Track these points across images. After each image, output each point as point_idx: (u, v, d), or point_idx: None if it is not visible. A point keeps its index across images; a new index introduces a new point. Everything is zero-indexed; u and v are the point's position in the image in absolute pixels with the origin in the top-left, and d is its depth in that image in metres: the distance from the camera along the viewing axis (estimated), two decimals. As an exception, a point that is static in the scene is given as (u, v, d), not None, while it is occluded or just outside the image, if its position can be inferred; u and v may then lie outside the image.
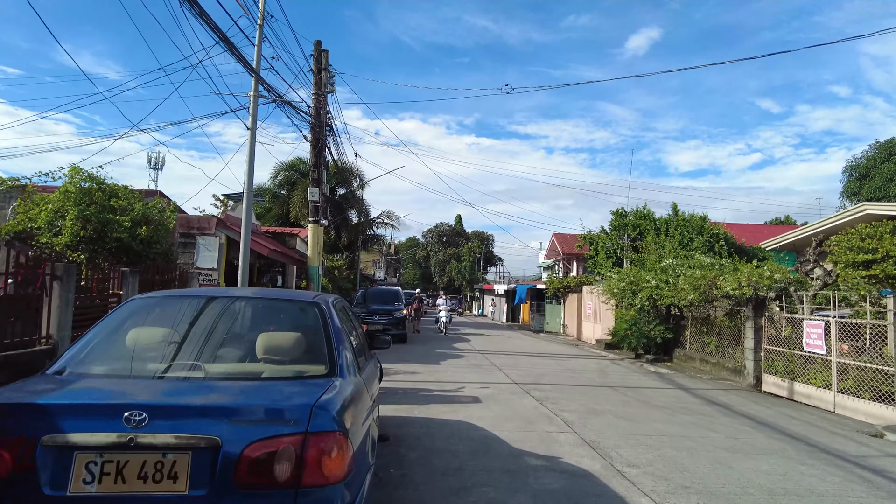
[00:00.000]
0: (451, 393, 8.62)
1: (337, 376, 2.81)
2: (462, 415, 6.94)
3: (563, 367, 13.07)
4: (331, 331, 3.13)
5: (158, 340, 3.05)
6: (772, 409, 8.64)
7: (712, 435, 6.48)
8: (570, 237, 32.48)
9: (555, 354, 16.05)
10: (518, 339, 21.59)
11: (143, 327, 3.16)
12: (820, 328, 9.70)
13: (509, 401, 8.11)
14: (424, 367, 11.46)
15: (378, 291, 20.48)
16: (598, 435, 6.21)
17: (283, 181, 26.93)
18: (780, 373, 10.64)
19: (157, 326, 3.19)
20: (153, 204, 10.27)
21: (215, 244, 11.92)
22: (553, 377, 11.04)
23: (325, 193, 14.40)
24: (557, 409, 7.65)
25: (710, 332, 13.73)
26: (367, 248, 33.94)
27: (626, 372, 12.66)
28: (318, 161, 14.12)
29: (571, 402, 8.30)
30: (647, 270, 15.99)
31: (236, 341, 3.16)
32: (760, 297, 11.40)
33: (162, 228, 10.13)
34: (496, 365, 12.46)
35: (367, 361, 4.43)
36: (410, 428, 6.21)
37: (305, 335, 3.15)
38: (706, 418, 7.51)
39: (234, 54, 8.52)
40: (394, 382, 9.24)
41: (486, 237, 66.63)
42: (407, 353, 14.43)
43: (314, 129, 14.01)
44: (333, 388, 2.58)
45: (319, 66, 14.58)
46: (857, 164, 27.38)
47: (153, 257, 9.87)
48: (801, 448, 6.06)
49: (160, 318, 3.28)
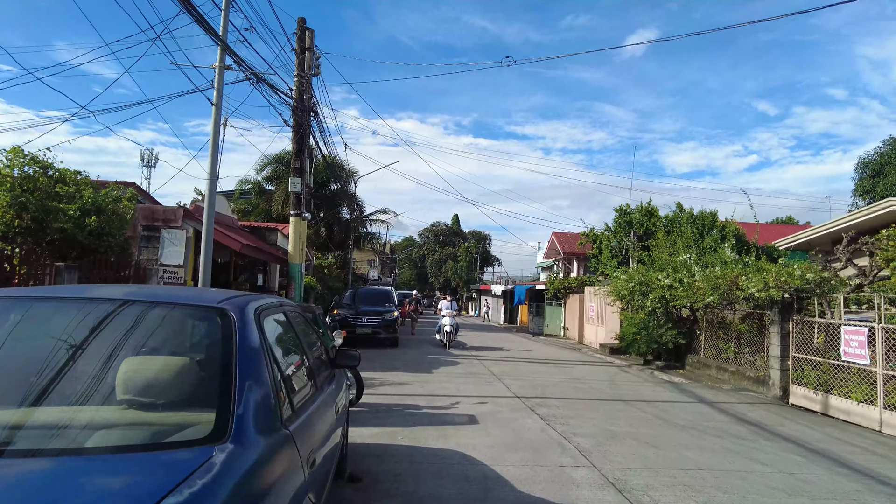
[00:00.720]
0: (443, 410, 7.42)
1: (228, 440, 1.62)
2: (455, 441, 5.74)
3: (568, 375, 11.89)
4: (236, 357, 1.94)
5: None
6: (814, 429, 7.47)
7: (760, 469, 5.30)
8: (571, 236, 31.33)
9: (557, 360, 14.87)
10: (517, 343, 20.40)
11: None
12: (862, 335, 8.56)
13: (511, 421, 6.92)
14: (414, 377, 10.25)
15: (368, 292, 19.25)
16: (623, 470, 5.02)
17: (271, 175, 25.64)
18: (812, 384, 9.49)
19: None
20: (106, 191, 9.05)
21: (182, 238, 10.69)
22: (558, 389, 9.86)
23: (308, 184, 13.19)
24: (569, 431, 6.46)
25: (728, 337, 12.57)
26: (360, 246, 32.70)
27: (637, 381, 11.48)
28: (300, 148, 12.91)
29: (583, 421, 7.11)
30: (657, 269, 14.82)
31: (83, 371, 1.96)
32: (788, 299, 10.26)
33: (116, 219, 8.89)
34: (495, 374, 11.27)
35: (325, 387, 3.23)
36: (390, 461, 5.01)
37: (194, 363, 1.97)
38: (743, 443, 6.34)
39: (192, 14, 7.29)
40: (377, 397, 8.04)
41: (484, 237, 65.49)
42: (397, 358, 13.22)
43: (296, 113, 12.80)
44: (201, 478, 1.38)
45: (303, 45, 13.37)
46: (870, 160, 26.30)
47: (104, 251, 8.65)
48: (877, 490, 4.88)
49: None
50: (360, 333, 15.60)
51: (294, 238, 12.98)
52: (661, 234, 17.52)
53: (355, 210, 28.15)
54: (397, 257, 67.09)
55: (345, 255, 28.91)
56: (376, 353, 13.90)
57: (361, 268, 43.49)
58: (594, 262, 22.05)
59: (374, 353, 13.83)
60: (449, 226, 67.49)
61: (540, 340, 22.64)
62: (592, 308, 20.83)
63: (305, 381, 2.83)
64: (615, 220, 22.18)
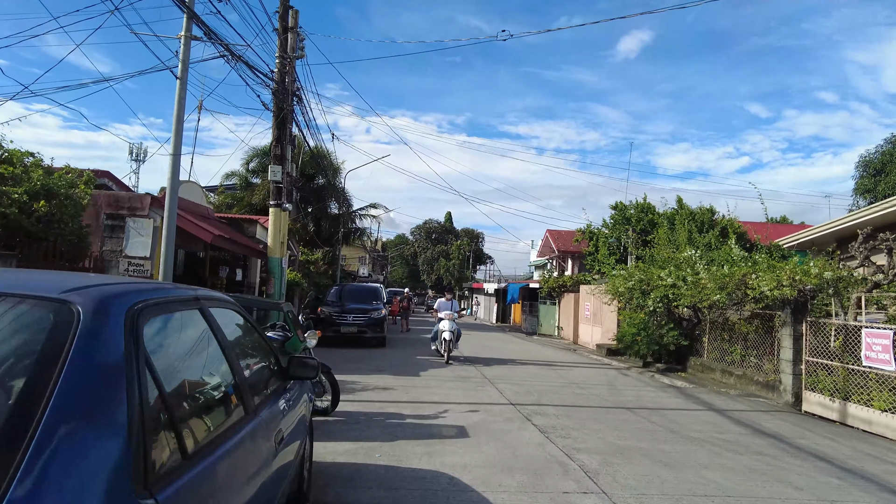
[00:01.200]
0: (430, 421, 6.62)
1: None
2: (441, 461, 4.95)
3: (566, 379, 11.14)
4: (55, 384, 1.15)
5: None
6: (840, 442, 6.76)
7: (795, 496, 4.56)
8: (566, 233, 30.62)
9: (553, 363, 14.12)
10: (510, 343, 19.64)
11: None
12: (887, 338, 7.86)
13: (506, 433, 6.14)
14: (400, 381, 9.46)
15: (355, 288, 18.42)
16: (639, 498, 4.26)
17: (257, 168, 24.70)
18: (828, 391, 8.80)
19: None
20: (60, 174, 8.18)
21: (149, 227, 9.83)
22: (556, 395, 9.10)
23: (289, 172, 12.34)
24: (570, 446, 5.69)
25: (734, 339, 11.88)
26: (349, 241, 31.80)
27: (639, 386, 10.76)
28: (280, 134, 12.05)
29: (586, 433, 6.35)
30: (658, 267, 14.11)
31: None
32: (801, 299, 9.57)
33: (70, 204, 8.02)
34: (487, 378, 10.49)
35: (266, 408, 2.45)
36: (364, 487, 4.21)
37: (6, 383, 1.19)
38: (767, 460, 5.60)
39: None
40: (357, 404, 7.23)
41: (476, 235, 64.65)
42: (383, 359, 12.41)
43: (277, 96, 11.94)
44: None
45: (286, 24, 12.51)
46: (871, 159, 25.76)
47: (54, 239, 7.79)
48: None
49: None
50: (345, 333, 14.78)
51: (274, 230, 12.13)
52: (662, 230, 16.79)
53: (343, 204, 27.28)
54: (389, 255, 66.17)
55: (333, 250, 28.03)
56: (361, 354, 13.09)
57: (352, 265, 42.58)
58: (590, 259, 21.34)
59: (359, 354, 13.01)
60: (442, 223, 66.67)
61: (534, 340, 21.91)
62: (588, 307, 20.13)
63: (223, 406, 2.04)
64: (612, 217, 21.50)
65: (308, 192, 25.52)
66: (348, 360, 11.83)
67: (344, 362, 11.25)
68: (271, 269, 12.10)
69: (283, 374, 3.12)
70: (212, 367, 2.14)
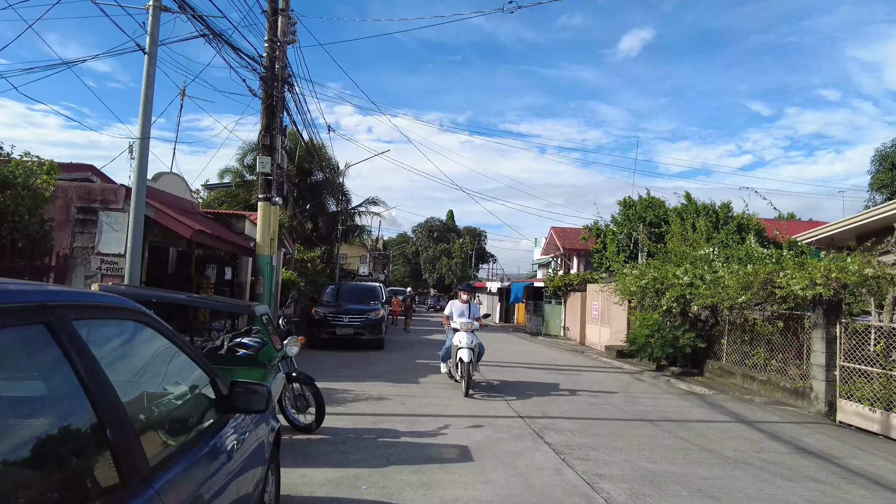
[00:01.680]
0: (428, 439, 5.80)
1: None
2: (440, 494, 4.13)
3: (577, 385, 10.31)
4: None
5: None
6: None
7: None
8: (571, 231, 29.77)
9: (562, 367, 13.28)
10: (515, 345, 18.79)
11: None
12: (939, 343, 7.05)
13: (515, 456, 5.32)
14: (396, 389, 8.63)
15: (352, 288, 17.60)
16: (684, 548, 3.44)
17: (252, 164, 23.89)
18: (867, 400, 7.98)
19: None
20: (17, 162, 7.38)
21: (124, 222, 9.00)
22: (569, 404, 8.26)
23: (279, 164, 11.53)
24: (592, 472, 4.87)
25: (756, 341, 11.04)
26: (347, 239, 30.99)
27: (656, 393, 9.93)
28: (270, 123, 11.23)
29: (607, 453, 5.52)
30: (673, 264, 13.26)
31: None
32: (835, 299, 8.74)
33: (29, 196, 7.21)
34: (492, 384, 9.66)
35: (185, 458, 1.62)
36: (343, 535, 3.40)
37: None
38: (826, 489, 4.78)
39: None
40: (347, 418, 6.42)
41: (479, 233, 63.74)
42: (379, 364, 11.59)
43: (266, 83, 11.12)
44: None
45: (275, 6, 11.68)
46: (888, 154, 24.83)
47: (8, 234, 6.98)
48: None
49: None
50: (340, 335, 13.96)
51: (262, 226, 11.31)
52: (676, 225, 15.91)
53: (342, 201, 26.46)
54: (391, 253, 65.33)
55: (332, 249, 27.22)
56: (357, 357, 12.28)
57: (352, 263, 41.79)
58: (597, 257, 20.48)
59: (354, 358, 12.20)
60: (444, 221, 65.79)
61: (539, 341, 21.07)
62: (596, 307, 19.29)
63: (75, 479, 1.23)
64: (620, 213, 20.65)
65: (304, 189, 24.73)
66: (342, 364, 11.02)
67: (337, 367, 10.45)
68: (260, 267, 11.29)
69: (224, 404, 2.30)
70: (59, 413, 1.33)
